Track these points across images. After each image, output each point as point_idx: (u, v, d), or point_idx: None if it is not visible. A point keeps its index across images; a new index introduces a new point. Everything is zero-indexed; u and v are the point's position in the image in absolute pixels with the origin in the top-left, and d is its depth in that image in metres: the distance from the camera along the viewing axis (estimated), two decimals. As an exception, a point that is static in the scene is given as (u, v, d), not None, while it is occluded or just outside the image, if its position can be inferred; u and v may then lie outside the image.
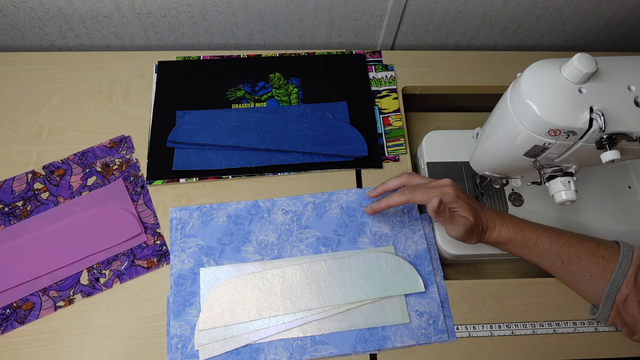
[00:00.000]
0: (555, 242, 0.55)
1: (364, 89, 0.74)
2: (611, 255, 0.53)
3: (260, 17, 0.77)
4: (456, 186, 0.56)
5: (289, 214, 0.63)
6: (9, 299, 0.57)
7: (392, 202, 0.57)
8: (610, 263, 0.53)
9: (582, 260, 0.54)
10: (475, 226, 0.54)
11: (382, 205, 0.58)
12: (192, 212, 0.62)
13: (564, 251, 0.54)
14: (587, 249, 0.54)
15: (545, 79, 0.45)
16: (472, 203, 0.56)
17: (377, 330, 0.56)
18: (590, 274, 0.54)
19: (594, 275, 0.53)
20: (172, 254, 0.60)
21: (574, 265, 0.54)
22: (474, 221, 0.54)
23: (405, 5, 0.75)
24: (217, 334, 0.55)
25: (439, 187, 0.55)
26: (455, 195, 0.54)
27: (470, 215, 0.54)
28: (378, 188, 0.61)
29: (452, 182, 0.56)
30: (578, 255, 0.54)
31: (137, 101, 0.71)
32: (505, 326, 0.59)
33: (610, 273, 0.52)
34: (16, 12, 0.72)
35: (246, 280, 0.58)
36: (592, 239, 0.56)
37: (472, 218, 0.54)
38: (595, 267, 0.53)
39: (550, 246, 0.54)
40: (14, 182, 0.64)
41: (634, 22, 0.82)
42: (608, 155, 0.44)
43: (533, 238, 0.55)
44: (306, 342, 0.55)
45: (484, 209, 0.57)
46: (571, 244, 0.55)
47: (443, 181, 0.56)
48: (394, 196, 0.57)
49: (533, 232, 0.55)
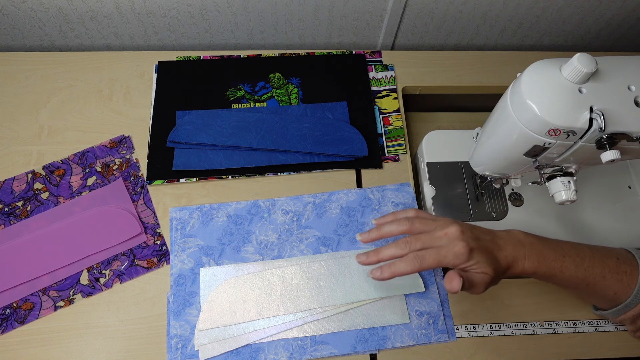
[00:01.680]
0: (580, 265, 0.51)
1: (364, 89, 0.74)
2: (632, 270, 0.52)
3: (260, 17, 0.77)
4: (466, 233, 0.49)
5: (289, 214, 0.63)
6: (9, 299, 0.57)
7: (398, 273, 0.49)
8: (632, 278, 0.51)
9: (607, 280, 0.52)
10: (495, 277, 0.49)
11: (386, 275, 0.50)
12: (192, 212, 0.62)
13: (589, 273, 0.52)
14: (610, 267, 0.52)
15: (545, 79, 0.45)
16: (487, 250, 0.49)
17: (377, 330, 0.56)
18: (614, 292, 0.52)
19: (618, 293, 0.52)
20: (172, 254, 0.60)
21: (599, 285, 0.52)
22: (493, 274, 0.48)
23: (405, 5, 0.75)
24: (217, 334, 0.55)
25: (449, 246, 0.48)
26: (468, 251, 0.47)
27: (489, 269, 0.48)
28: (372, 233, 0.53)
29: (461, 231, 0.49)
30: (603, 275, 0.52)
31: (137, 101, 0.71)
32: (505, 326, 0.59)
33: (633, 288, 0.51)
34: (16, 12, 0.72)
35: (246, 280, 0.58)
36: (611, 253, 0.53)
37: (491, 271, 0.48)
38: (619, 285, 0.52)
39: (575, 271, 0.51)
40: (14, 182, 0.64)
41: (634, 22, 0.82)
42: (608, 155, 0.44)
43: (558, 266, 0.51)
44: (306, 342, 0.55)
45: (500, 247, 0.50)
46: (595, 264, 0.52)
47: (451, 231, 0.49)
48: (400, 265, 0.49)
49: (557, 259, 0.51)
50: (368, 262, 0.52)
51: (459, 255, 0.47)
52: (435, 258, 0.48)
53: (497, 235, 0.51)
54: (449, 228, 0.49)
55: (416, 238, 0.50)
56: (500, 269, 0.49)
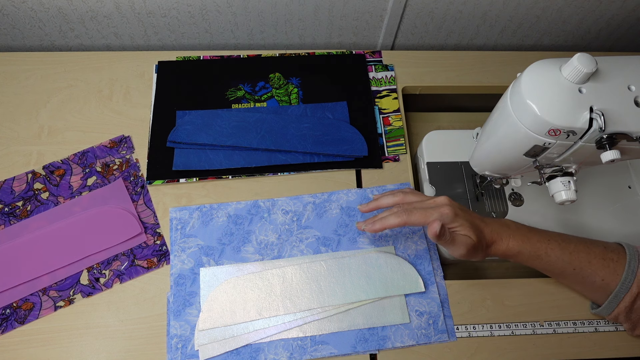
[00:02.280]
0: (565, 248, 0.53)
1: (364, 89, 0.74)
2: (619, 258, 0.53)
3: (260, 17, 0.77)
4: (454, 204, 0.53)
5: (289, 214, 0.63)
6: (9, 299, 0.57)
7: (387, 224, 0.54)
8: (619, 265, 0.52)
9: (593, 265, 0.53)
10: (478, 243, 0.52)
11: (377, 227, 0.54)
12: (192, 212, 0.62)
13: (575, 257, 0.53)
14: (596, 253, 0.53)
15: (545, 79, 0.45)
16: (472, 219, 0.54)
17: (377, 330, 0.56)
18: (602, 278, 0.53)
19: (606, 279, 0.53)
20: (172, 254, 0.60)
21: (586, 270, 0.53)
22: (475, 239, 0.52)
23: (405, 5, 0.75)
24: (217, 334, 0.55)
25: (436, 207, 0.52)
26: (454, 214, 0.52)
27: (471, 233, 0.52)
28: (370, 204, 0.58)
29: (449, 200, 0.54)
30: (589, 260, 0.53)
31: (137, 101, 0.71)
32: (505, 326, 0.59)
33: (620, 275, 0.52)
34: (16, 12, 0.72)
35: (246, 280, 0.58)
36: (598, 242, 0.55)
37: (474, 236, 0.52)
38: (606, 270, 0.53)
39: (560, 253, 0.53)
40: (14, 182, 0.64)
41: (634, 22, 0.82)
42: (608, 155, 0.44)
43: (543, 247, 0.53)
44: (306, 342, 0.55)
45: (487, 222, 0.54)
46: (580, 249, 0.54)
47: (439, 199, 0.54)
48: (389, 218, 0.53)
49: (542, 241, 0.54)
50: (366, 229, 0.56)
51: (444, 216, 0.51)
52: (422, 214, 0.52)
53: (482, 216, 0.56)
54: (438, 198, 0.54)
55: (410, 205, 0.54)
56: (483, 239, 0.53)
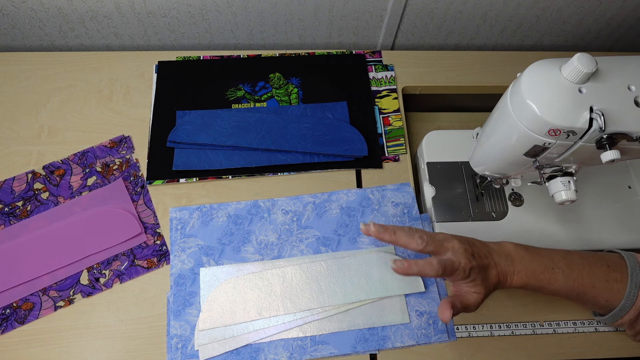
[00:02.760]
0: (569, 276, 0.52)
1: (364, 89, 0.74)
2: (623, 277, 0.52)
3: (260, 17, 0.77)
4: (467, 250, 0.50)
5: (289, 214, 0.63)
6: (9, 299, 0.57)
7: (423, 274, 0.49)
8: (623, 285, 0.52)
9: (597, 289, 0.52)
10: (486, 295, 0.51)
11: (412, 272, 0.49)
12: (192, 212, 0.62)
13: (578, 284, 0.52)
14: (599, 276, 0.52)
15: (545, 79, 0.45)
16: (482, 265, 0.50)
17: (377, 330, 0.56)
18: (606, 299, 0.53)
19: (609, 300, 0.53)
20: (172, 254, 0.60)
21: (589, 294, 0.53)
22: (485, 292, 0.50)
23: (405, 5, 0.75)
24: (217, 334, 0.55)
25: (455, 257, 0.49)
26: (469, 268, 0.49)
27: (481, 288, 0.50)
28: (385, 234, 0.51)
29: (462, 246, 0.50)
30: (592, 284, 0.52)
31: (137, 101, 0.71)
32: (505, 326, 0.59)
33: (623, 294, 0.52)
34: (16, 12, 0.72)
35: (246, 280, 0.58)
36: (601, 259, 0.54)
37: (484, 289, 0.50)
38: (609, 292, 0.52)
39: (564, 282, 0.52)
40: (14, 182, 0.64)
41: (634, 22, 0.82)
42: (608, 155, 0.44)
43: (546, 278, 0.52)
44: (306, 342, 0.55)
45: (494, 262, 0.51)
46: (584, 274, 0.52)
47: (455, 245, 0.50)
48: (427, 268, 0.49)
49: (545, 272, 0.52)
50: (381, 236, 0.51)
51: (462, 272, 0.49)
52: (450, 270, 0.49)
53: (491, 249, 0.52)
54: (451, 242, 0.50)
55: (431, 238, 0.50)
56: (491, 286, 0.51)
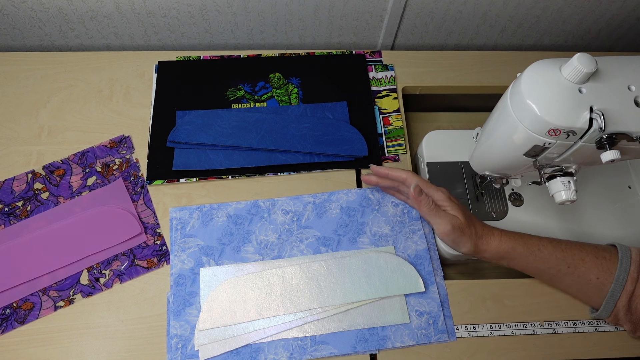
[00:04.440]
0: (557, 246, 0.55)
1: (364, 89, 0.74)
2: (612, 256, 0.54)
3: (260, 17, 0.77)
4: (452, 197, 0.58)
5: (289, 214, 0.63)
6: (9, 299, 0.57)
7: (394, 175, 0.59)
8: (612, 263, 0.53)
9: (587, 263, 0.54)
10: (465, 226, 0.55)
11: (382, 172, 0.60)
12: (192, 212, 0.62)
13: (568, 254, 0.54)
14: (588, 252, 0.54)
15: (545, 79, 0.45)
16: (466, 210, 0.57)
17: (377, 330, 0.56)
18: (597, 276, 0.53)
19: (600, 278, 0.53)
20: (172, 254, 0.60)
21: (580, 268, 0.54)
22: (463, 220, 0.55)
23: (405, 5, 0.75)
24: (217, 334, 0.55)
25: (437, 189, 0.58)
26: (448, 197, 0.57)
27: (460, 215, 0.55)
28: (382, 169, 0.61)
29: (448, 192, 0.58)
30: (581, 257, 0.54)
31: (137, 101, 0.71)
32: (505, 326, 0.59)
33: (613, 272, 0.53)
34: (16, 12, 0.72)
35: (246, 280, 0.58)
36: (589, 243, 0.56)
37: (462, 217, 0.55)
38: (599, 269, 0.53)
39: (553, 250, 0.54)
40: (14, 182, 0.64)
41: (634, 22, 0.82)
42: (608, 155, 0.44)
43: (535, 243, 0.55)
44: (306, 342, 0.55)
45: (479, 221, 0.58)
46: (573, 247, 0.55)
47: (442, 189, 0.58)
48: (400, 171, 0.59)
49: (533, 239, 0.55)
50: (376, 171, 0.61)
51: (441, 193, 0.57)
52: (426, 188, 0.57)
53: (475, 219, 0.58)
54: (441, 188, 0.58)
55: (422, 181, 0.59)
56: (472, 227, 0.55)
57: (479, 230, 0.56)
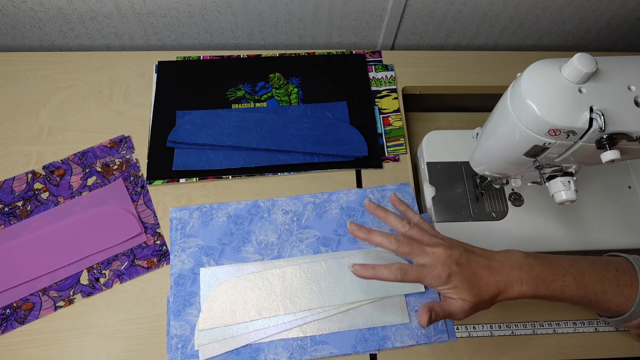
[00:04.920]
0: (580, 282, 0.51)
1: (364, 89, 0.74)
2: (633, 281, 0.52)
3: (260, 17, 0.77)
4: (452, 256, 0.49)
5: (289, 214, 0.63)
6: (9, 299, 0.57)
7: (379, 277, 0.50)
8: (633, 290, 0.51)
9: (608, 294, 0.52)
10: (476, 305, 0.49)
11: (367, 275, 0.51)
12: (192, 212, 0.62)
13: (590, 290, 0.52)
14: (610, 281, 0.52)
15: (545, 79, 0.45)
16: (472, 273, 0.49)
17: (377, 330, 0.56)
18: (617, 305, 0.52)
19: (621, 305, 0.52)
20: (172, 254, 0.60)
21: (601, 300, 0.52)
22: (473, 300, 0.48)
23: (405, 5, 0.75)
24: (217, 334, 0.55)
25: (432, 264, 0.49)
26: (447, 275, 0.48)
27: (467, 295, 0.48)
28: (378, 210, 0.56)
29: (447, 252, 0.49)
30: (603, 290, 0.52)
31: (137, 101, 0.71)
32: (505, 326, 0.59)
33: (634, 299, 0.51)
34: (16, 12, 0.72)
35: (246, 280, 0.58)
36: (609, 264, 0.53)
37: (471, 297, 0.48)
38: (621, 298, 0.52)
39: (576, 289, 0.51)
40: (14, 182, 0.64)
41: (634, 22, 0.82)
42: (608, 155, 0.44)
43: (558, 287, 0.51)
44: (306, 342, 0.55)
45: (493, 271, 0.50)
46: (595, 280, 0.51)
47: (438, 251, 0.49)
48: (384, 272, 0.50)
49: (556, 280, 0.50)
50: (355, 233, 0.53)
51: (437, 278, 0.48)
52: (417, 275, 0.49)
53: (494, 258, 0.51)
54: (437, 248, 0.50)
55: (408, 243, 0.51)
56: (486, 295, 0.49)
57: (492, 292, 0.49)
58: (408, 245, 0.51)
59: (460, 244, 0.52)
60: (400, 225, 0.54)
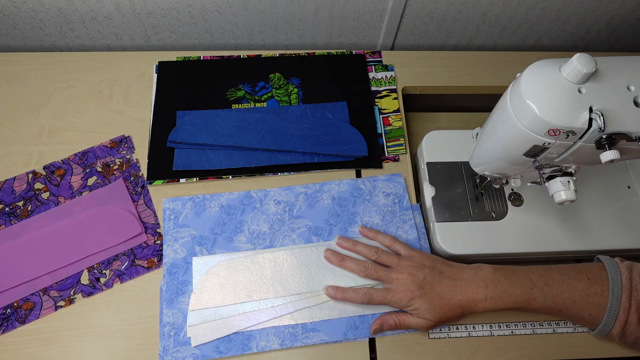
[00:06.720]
0: (548, 294, 0.53)
1: (364, 89, 0.74)
2: (603, 290, 0.52)
3: (260, 18, 0.77)
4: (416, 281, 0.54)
5: (281, 204, 0.64)
6: (9, 298, 0.57)
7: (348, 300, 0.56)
8: (604, 298, 0.52)
9: (578, 304, 0.52)
10: (440, 321, 0.54)
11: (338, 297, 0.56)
12: (185, 203, 0.63)
13: (558, 301, 0.53)
14: (579, 291, 0.52)
15: (545, 79, 0.45)
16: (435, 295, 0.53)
17: (368, 318, 0.57)
18: (589, 313, 0.53)
19: (593, 314, 0.53)
20: (165, 244, 0.60)
21: (571, 310, 0.53)
22: (434, 320, 0.53)
23: (405, 5, 0.76)
24: (207, 315, 0.56)
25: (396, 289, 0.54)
26: (409, 299, 0.53)
27: (429, 315, 0.53)
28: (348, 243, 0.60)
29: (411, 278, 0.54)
30: (572, 299, 0.52)
31: (137, 101, 0.71)
32: (505, 326, 0.59)
33: (605, 307, 0.52)
34: (17, 13, 0.72)
35: (238, 263, 0.59)
36: (580, 272, 0.54)
37: (432, 317, 0.53)
38: (591, 306, 0.52)
39: (544, 300, 0.53)
40: (14, 182, 0.64)
41: (633, 22, 0.82)
42: (607, 155, 0.44)
43: (525, 299, 0.52)
44: (297, 330, 0.56)
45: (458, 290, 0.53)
46: (563, 290, 0.53)
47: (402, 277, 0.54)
48: (352, 295, 0.56)
49: (523, 294, 0.52)
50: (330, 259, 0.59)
51: (399, 302, 0.54)
52: (382, 299, 0.55)
53: (461, 277, 0.54)
54: (402, 274, 0.55)
55: (376, 270, 0.57)
56: (449, 314, 0.53)
57: (457, 312, 0.53)
58: (375, 273, 0.56)
59: (430, 263, 0.56)
60: (370, 253, 0.58)
